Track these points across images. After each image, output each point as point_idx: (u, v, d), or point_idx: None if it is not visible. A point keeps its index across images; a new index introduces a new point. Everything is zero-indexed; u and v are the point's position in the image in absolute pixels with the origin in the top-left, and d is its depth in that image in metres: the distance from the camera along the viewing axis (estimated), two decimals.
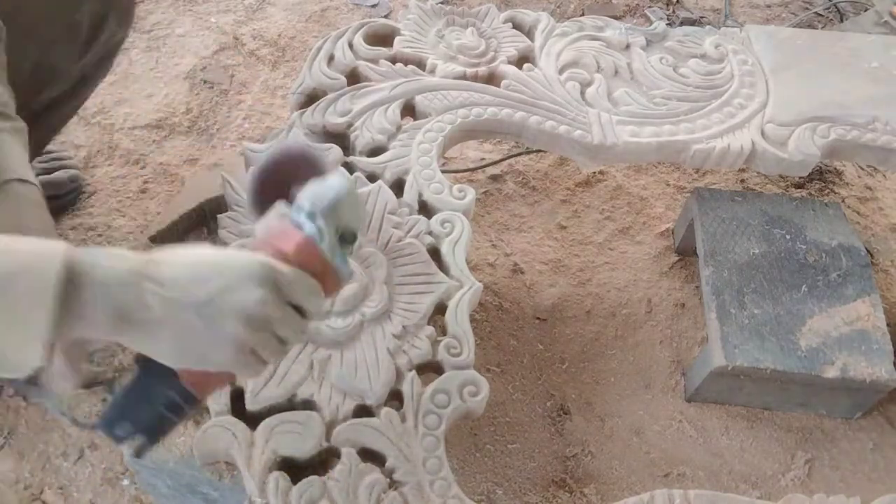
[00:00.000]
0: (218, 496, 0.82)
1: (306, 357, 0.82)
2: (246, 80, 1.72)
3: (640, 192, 1.59)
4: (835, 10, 2.16)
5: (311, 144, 0.88)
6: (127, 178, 1.47)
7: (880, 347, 1.15)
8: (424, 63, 1.16)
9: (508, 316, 1.34)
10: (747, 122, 1.15)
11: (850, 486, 1.17)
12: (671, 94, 1.18)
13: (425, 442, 0.78)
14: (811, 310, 1.20)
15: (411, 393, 0.81)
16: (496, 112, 1.10)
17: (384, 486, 0.74)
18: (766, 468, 1.19)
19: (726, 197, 1.36)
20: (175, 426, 0.64)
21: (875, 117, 1.17)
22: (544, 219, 1.52)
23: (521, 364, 1.28)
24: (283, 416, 0.78)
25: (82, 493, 1.07)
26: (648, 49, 1.26)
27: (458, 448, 1.15)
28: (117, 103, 1.63)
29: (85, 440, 1.12)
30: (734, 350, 1.14)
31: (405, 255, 0.93)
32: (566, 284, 1.41)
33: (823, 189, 1.63)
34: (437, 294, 0.89)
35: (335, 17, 1.96)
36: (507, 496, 1.12)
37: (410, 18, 1.23)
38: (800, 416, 1.25)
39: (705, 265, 1.26)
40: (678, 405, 1.25)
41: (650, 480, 1.16)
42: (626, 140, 1.10)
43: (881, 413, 1.26)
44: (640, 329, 1.35)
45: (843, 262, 1.26)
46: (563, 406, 1.24)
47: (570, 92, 1.15)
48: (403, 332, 0.86)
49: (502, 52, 1.20)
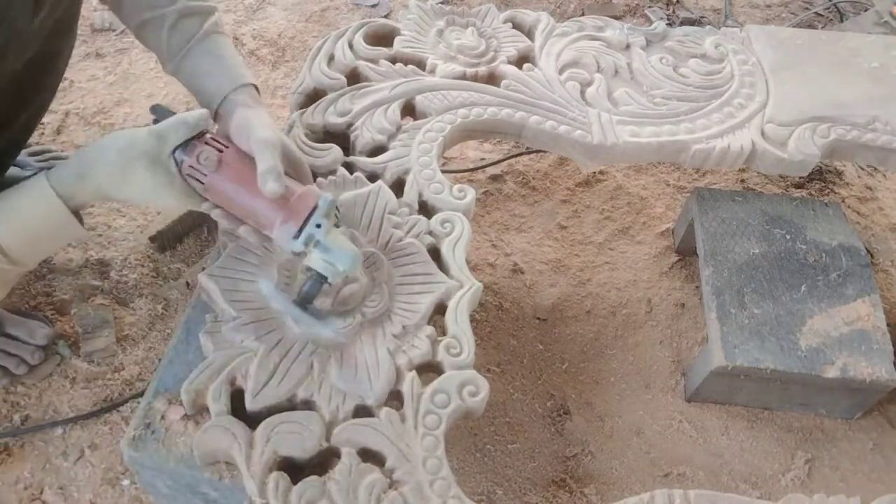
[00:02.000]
0: (218, 496, 0.81)
1: (306, 357, 0.82)
2: None
3: (640, 192, 1.59)
4: (835, 10, 2.17)
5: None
6: None
7: (880, 347, 1.15)
8: (424, 63, 1.16)
9: (508, 316, 1.34)
10: (747, 122, 1.15)
11: (850, 486, 1.17)
12: (671, 94, 1.18)
13: (425, 442, 0.77)
14: (811, 310, 1.20)
15: (411, 393, 0.81)
16: (496, 112, 1.10)
17: (384, 486, 0.74)
18: (766, 468, 1.19)
19: (726, 197, 1.36)
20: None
21: (875, 117, 1.17)
22: (544, 219, 1.52)
23: (521, 364, 1.28)
24: (283, 416, 0.78)
25: (82, 493, 1.07)
26: (648, 49, 1.26)
27: (458, 448, 1.15)
28: (117, 103, 1.64)
29: (85, 440, 1.12)
30: (734, 350, 1.14)
31: (405, 255, 0.93)
32: (566, 284, 1.41)
33: (823, 189, 1.63)
34: (437, 294, 0.89)
35: (335, 17, 1.96)
36: (507, 496, 1.12)
37: (410, 18, 1.23)
38: (800, 416, 1.25)
39: (705, 265, 1.26)
40: (678, 405, 1.25)
41: (650, 480, 1.16)
42: (626, 140, 1.10)
43: (881, 413, 1.26)
44: (640, 329, 1.35)
45: (843, 262, 1.26)
46: (563, 406, 1.24)
47: (570, 92, 1.15)
48: (403, 332, 0.86)
49: (502, 52, 1.20)
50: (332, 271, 0.79)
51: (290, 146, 0.89)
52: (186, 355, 0.87)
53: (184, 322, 0.90)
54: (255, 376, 0.79)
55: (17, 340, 1.15)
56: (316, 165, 1.00)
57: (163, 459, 0.78)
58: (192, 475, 0.79)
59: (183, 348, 0.88)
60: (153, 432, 0.80)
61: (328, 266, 0.79)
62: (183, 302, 1.28)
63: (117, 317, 1.25)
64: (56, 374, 1.18)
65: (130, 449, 0.79)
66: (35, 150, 1.42)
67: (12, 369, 1.14)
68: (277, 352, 0.82)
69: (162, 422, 0.80)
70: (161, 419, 0.81)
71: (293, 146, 0.92)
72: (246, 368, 0.80)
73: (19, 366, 1.15)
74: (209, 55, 0.95)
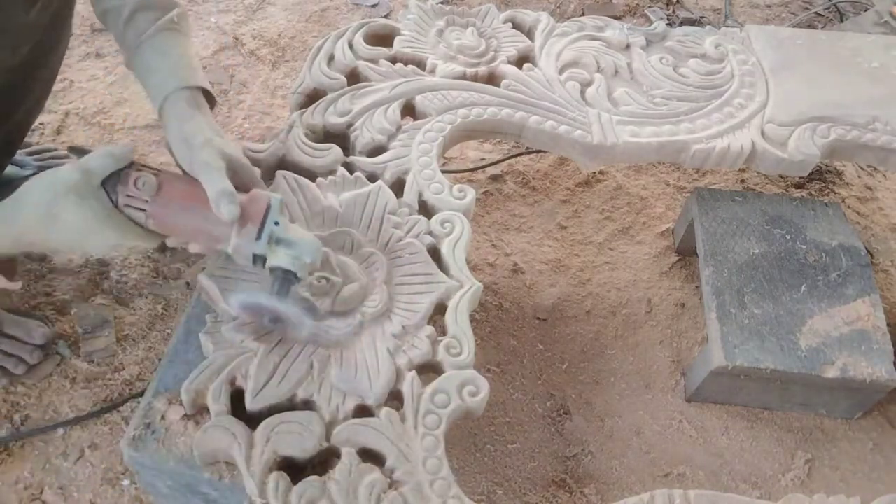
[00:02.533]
0: (218, 496, 0.81)
1: (306, 357, 0.82)
2: (246, 80, 1.73)
3: (640, 192, 1.59)
4: (835, 10, 2.17)
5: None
6: None
7: (880, 347, 1.15)
8: (424, 63, 1.16)
9: (508, 316, 1.34)
10: (747, 122, 1.15)
11: (850, 486, 1.17)
12: (671, 94, 1.18)
13: (425, 442, 0.77)
14: (811, 310, 1.20)
15: (411, 393, 0.81)
16: (496, 112, 1.10)
17: (384, 486, 0.74)
18: (766, 468, 1.19)
19: (726, 197, 1.36)
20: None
21: (875, 117, 1.17)
22: (544, 219, 1.52)
23: (521, 364, 1.28)
24: (283, 416, 0.78)
25: (82, 493, 1.07)
26: (648, 49, 1.26)
27: (458, 448, 1.15)
28: (117, 103, 1.64)
29: (85, 440, 1.12)
30: (734, 350, 1.14)
31: (405, 255, 0.93)
32: (566, 284, 1.41)
33: (823, 189, 1.63)
34: (437, 294, 0.89)
35: (335, 17, 1.96)
36: (507, 496, 1.12)
37: (410, 18, 1.23)
38: (800, 416, 1.25)
39: (705, 265, 1.26)
40: (678, 405, 1.25)
41: (650, 480, 1.16)
42: (626, 140, 1.10)
43: (881, 413, 1.26)
44: (640, 329, 1.35)
45: (843, 262, 1.26)
46: (563, 406, 1.24)
47: (570, 92, 1.15)
48: (403, 332, 0.86)
49: (502, 52, 1.20)
50: (299, 265, 0.78)
51: (231, 154, 0.84)
52: (186, 355, 0.87)
53: (184, 322, 0.90)
54: (255, 376, 0.79)
55: (15, 340, 1.15)
56: (316, 165, 1.00)
57: (163, 459, 0.78)
58: (192, 475, 0.79)
59: (183, 348, 0.88)
60: (153, 432, 0.80)
61: (294, 260, 0.77)
62: (183, 302, 1.28)
63: (117, 317, 1.25)
64: (56, 374, 1.18)
65: (130, 449, 0.79)
66: (34, 149, 1.42)
67: (11, 369, 1.14)
68: (277, 352, 0.82)
69: (162, 422, 0.80)
70: (161, 419, 0.81)
71: (234, 151, 0.86)
72: (246, 368, 0.80)
73: (18, 365, 1.15)
74: (157, 52, 0.91)
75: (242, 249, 0.78)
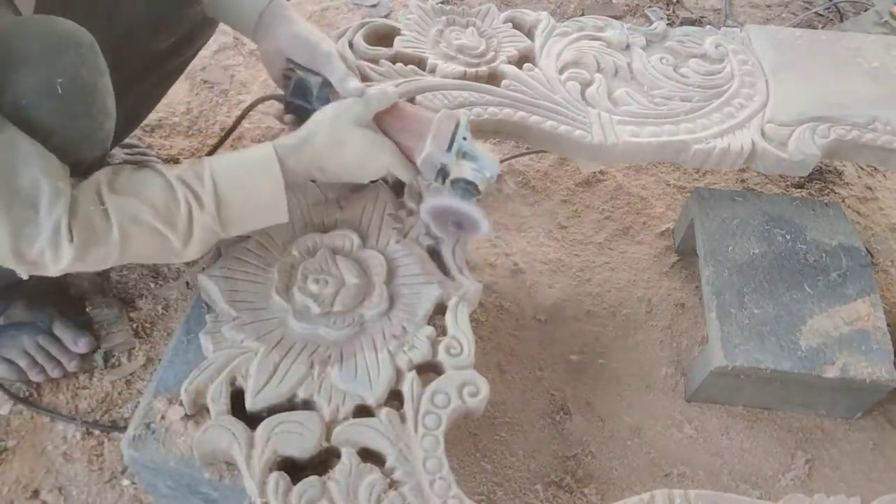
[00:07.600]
0: (218, 496, 0.81)
1: (306, 357, 0.82)
2: (246, 80, 1.72)
3: (640, 192, 1.59)
4: (835, 10, 2.17)
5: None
6: None
7: (880, 347, 1.15)
8: (424, 63, 1.16)
9: (508, 316, 1.34)
10: (747, 121, 1.15)
11: (850, 486, 1.17)
12: (671, 94, 1.18)
13: (425, 442, 0.78)
14: (811, 310, 1.20)
15: (411, 393, 0.81)
16: (496, 112, 1.10)
17: (384, 486, 0.74)
18: (766, 468, 1.19)
19: (726, 197, 1.36)
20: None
21: (875, 117, 1.17)
22: (544, 219, 1.52)
23: (521, 364, 1.28)
24: (283, 416, 0.78)
25: (82, 493, 1.07)
26: (648, 49, 1.26)
27: (458, 448, 1.15)
28: None
29: (85, 440, 1.12)
30: (734, 350, 1.14)
31: (405, 255, 0.93)
32: (566, 284, 1.41)
33: (823, 189, 1.63)
34: (436, 294, 0.89)
35: (335, 17, 1.96)
36: (507, 496, 1.12)
37: (410, 18, 1.23)
38: (800, 416, 1.25)
39: (705, 265, 1.26)
40: (678, 405, 1.25)
41: (650, 480, 1.16)
42: (626, 140, 1.10)
43: (881, 413, 1.26)
44: (640, 329, 1.35)
45: (843, 262, 1.26)
46: (563, 406, 1.24)
47: (570, 92, 1.15)
48: (403, 332, 0.86)
49: (502, 52, 1.20)
50: (481, 178, 0.87)
51: (344, 54, 1.02)
52: (186, 355, 0.87)
53: (184, 322, 0.90)
54: (255, 376, 0.80)
55: (60, 344, 1.15)
56: None
57: (163, 459, 0.78)
58: (192, 475, 0.79)
59: (183, 348, 0.88)
60: (153, 432, 0.80)
61: (477, 173, 0.87)
62: (183, 302, 1.28)
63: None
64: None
65: (130, 449, 0.79)
66: (128, 142, 1.41)
67: (49, 371, 1.13)
68: (277, 352, 0.82)
69: (162, 422, 0.80)
70: (161, 419, 0.81)
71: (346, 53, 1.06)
72: (246, 368, 0.80)
73: (55, 369, 1.13)
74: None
75: (433, 158, 0.87)
